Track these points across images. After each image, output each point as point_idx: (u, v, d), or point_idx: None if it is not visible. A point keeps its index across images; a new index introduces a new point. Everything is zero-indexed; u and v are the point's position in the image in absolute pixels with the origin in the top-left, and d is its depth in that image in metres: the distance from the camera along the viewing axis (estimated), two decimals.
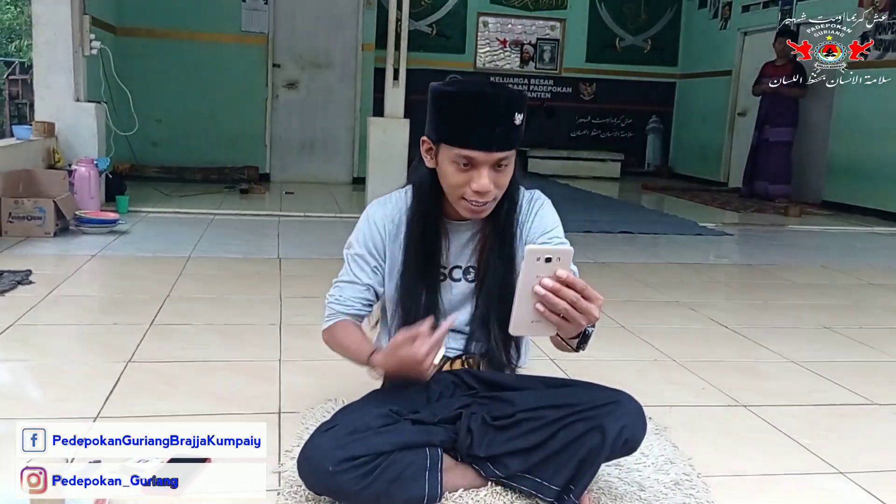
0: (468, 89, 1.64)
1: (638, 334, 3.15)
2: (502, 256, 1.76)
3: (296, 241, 5.04)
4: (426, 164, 1.72)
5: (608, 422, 1.59)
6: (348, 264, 1.87)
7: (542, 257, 1.32)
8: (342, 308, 1.86)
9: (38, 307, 3.20)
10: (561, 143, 10.48)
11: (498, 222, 1.76)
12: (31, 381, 2.47)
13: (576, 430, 1.60)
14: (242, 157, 8.24)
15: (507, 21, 10.46)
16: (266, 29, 8.30)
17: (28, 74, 13.72)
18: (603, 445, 1.58)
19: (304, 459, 1.61)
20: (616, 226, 6.06)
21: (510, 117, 1.59)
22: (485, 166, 1.61)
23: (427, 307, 1.77)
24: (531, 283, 1.32)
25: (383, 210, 1.82)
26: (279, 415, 2.19)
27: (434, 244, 1.77)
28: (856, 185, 7.58)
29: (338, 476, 1.56)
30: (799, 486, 1.91)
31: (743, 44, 9.60)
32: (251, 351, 2.77)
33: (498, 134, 1.59)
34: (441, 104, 1.65)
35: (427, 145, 1.71)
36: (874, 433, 2.29)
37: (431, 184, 1.73)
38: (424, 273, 1.77)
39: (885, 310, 3.93)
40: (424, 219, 1.76)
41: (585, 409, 1.62)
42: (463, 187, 1.64)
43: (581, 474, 1.61)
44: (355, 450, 1.57)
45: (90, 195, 5.36)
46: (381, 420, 1.66)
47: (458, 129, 1.61)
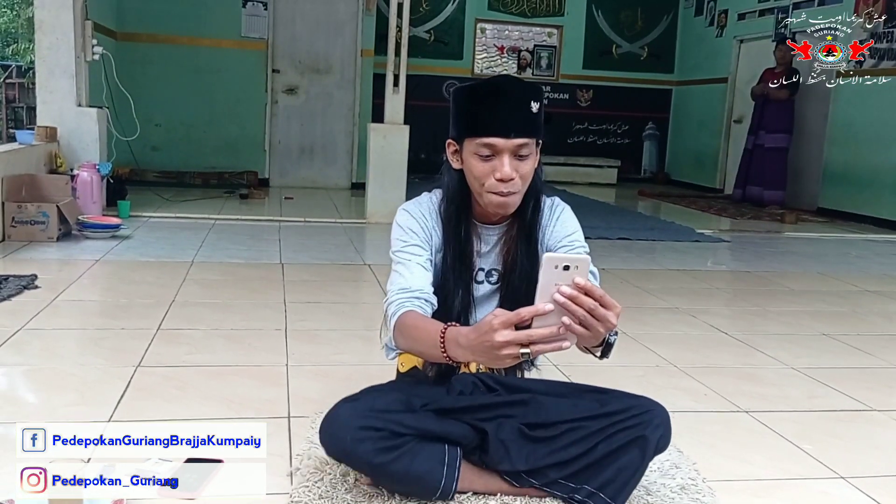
0: (485, 81, 1.72)
1: (639, 340, 3.19)
2: (529, 255, 1.80)
3: (297, 247, 5.06)
4: (453, 166, 1.78)
5: (648, 432, 1.67)
6: (402, 258, 1.76)
7: (560, 265, 1.33)
8: (408, 295, 1.70)
9: (45, 312, 3.22)
10: (558, 150, 10.51)
11: (524, 223, 1.81)
12: (40, 386, 2.49)
13: (616, 441, 1.67)
14: (242, 162, 8.28)
15: (504, 27, 10.51)
16: (266, 34, 8.34)
17: (25, 78, 13.70)
18: (644, 456, 1.67)
19: (326, 424, 1.66)
20: (614, 232, 6.11)
21: (526, 104, 1.66)
22: (506, 153, 1.66)
23: (462, 307, 1.80)
24: (550, 291, 1.32)
25: (419, 208, 1.84)
26: (289, 419, 2.22)
27: (468, 243, 1.81)
28: (851, 193, 7.64)
29: (357, 444, 1.60)
30: (801, 491, 1.95)
31: (739, 51, 9.67)
32: (258, 356, 2.80)
33: (516, 120, 1.65)
34: (461, 101, 1.72)
35: (452, 147, 1.77)
36: (874, 438, 2.33)
37: (460, 185, 1.78)
38: (461, 272, 1.80)
39: (881, 316, 3.97)
40: (458, 218, 1.80)
41: (624, 419, 1.69)
42: (487, 177, 1.69)
43: (622, 481, 1.67)
44: (376, 422, 1.62)
45: (92, 200, 5.39)
46: (403, 405, 1.70)
47: (477, 120, 1.68)
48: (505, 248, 1.84)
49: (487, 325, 1.36)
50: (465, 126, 1.71)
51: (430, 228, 1.81)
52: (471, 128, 1.69)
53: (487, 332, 1.35)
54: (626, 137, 10.96)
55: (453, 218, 1.80)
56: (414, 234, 1.79)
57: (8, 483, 1.57)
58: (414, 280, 1.72)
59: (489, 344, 1.35)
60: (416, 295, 1.70)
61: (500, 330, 1.34)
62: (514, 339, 1.33)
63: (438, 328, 1.52)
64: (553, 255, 1.35)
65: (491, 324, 1.35)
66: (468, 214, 1.81)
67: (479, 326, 1.39)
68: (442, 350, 1.50)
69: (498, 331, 1.34)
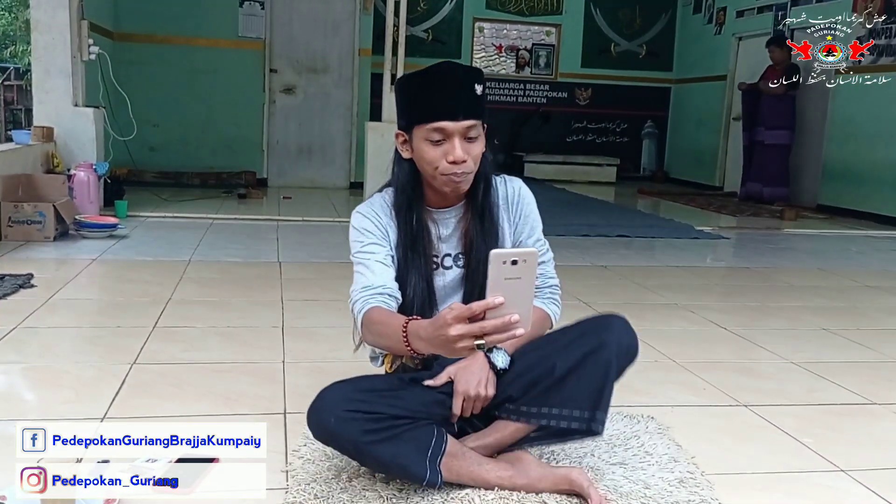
0: (428, 69, 1.74)
1: (638, 336, 3.16)
2: (485, 235, 1.83)
3: (295, 245, 5.05)
4: (403, 156, 1.80)
5: (605, 336, 1.73)
6: (362, 258, 1.79)
7: (508, 260, 1.34)
8: (371, 292, 1.72)
9: (41, 310, 3.21)
10: (557, 148, 10.52)
11: (477, 203, 1.84)
12: (35, 384, 2.48)
13: (574, 355, 1.72)
14: (240, 162, 8.27)
15: (502, 26, 10.50)
16: (263, 34, 8.33)
17: (23, 80, 13.69)
18: (608, 363, 1.71)
19: (312, 408, 1.68)
20: (613, 230, 6.09)
21: (470, 87, 1.71)
22: (456, 136, 1.70)
23: (421, 295, 1.81)
24: (500, 285, 1.34)
25: (372, 207, 1.86)
26: (284, 415, 2.21)
27: (419, 230, 1.82)
28: (851, 189, 7.62)
29: (342, 424, 1.62)
30: (802, 484, 1.93)
31: (738, 49, 9.66)
32: (255, 353, 2.79)
33: (462, 102, 1.70)
34: (407, 89, 1.76)
35: (401, 137, 1.79)
36: (874, 432, 2.32)
37: (411, 174, 1.81)
38: (413, 259, 1.82)
39: (881, 311, 3.96)
40: (408, 206, 1.82)
41: (578, 335, 1.76)
42: (440, 161, 1.72)
43: (590, 392, 1.72)
44: (361, 404, 1.64)
45: (89, 200, 5.37)
46: (389, 384, 1.75)
47: (425, 106, 1.71)
48: (463, 230, 1.87)
49: (442, 320, 1.39)
50: (413, 114, 1.74)
51: (385, 225, 1.83)
52: (420, 115, 1.72)
53: (442, 326, 1.38)
54: (625, 136, 10.94)
55: (404, 207, 1.82)
56: (369, 233, 1.82)
57: (3, 479, 1.56)
58: (375, 277, 1.75)
59: (444, 337, 1.38)
60: (379, 291, 1.73)
61: (454, 324, 1.36)
62: (467, 332, 1.35)
63: (401, 322, 1.54)
64: (500, 252, 1.36)
65: (445, 318, 1.38)
66: (420, 203, 1.83)
67: (436, 320, 1.42)
68: (405, 343, 1.52)
69: (452, 325, 1.36)
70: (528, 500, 1.73)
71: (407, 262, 1.82)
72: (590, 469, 1.89)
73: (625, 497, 1.77)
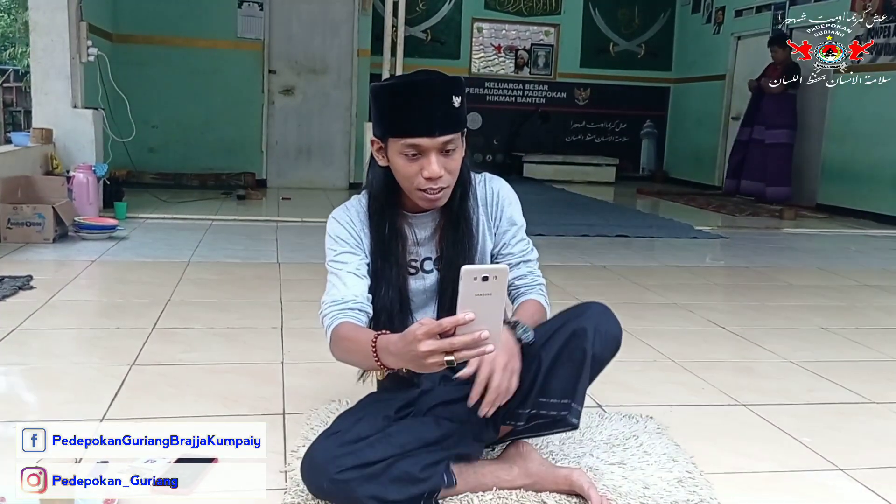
0: (404, 79, 1.68)
1: (637, 336, 3.17)
2: (457, 243, 1.79)
3: (294, 246, 5.05)
4: (378, 163, 1.75)
5: (582, 322, 1.69)
6: (335, 268, 1.77)
7: (479, 276, 1.34)
8: (340, 307, 1.70)
9: (40, 312, 3.21)
10: (556, 148, 10.52)
11: (451, 212, 1.79)
12: (35, 385, 2.48)
13: (556, 344, 1.69)
14: (239, 163, 8.27)
15: (501, 27, 10.50)
16: (262, 35, 8.33)
17: (22, 82, 13.69)
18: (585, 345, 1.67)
19: (303, 469, 1.64)
20: (612, 229, 6.09)
21: (448, 100, 1.62)
22: (432, 152, 1.64)
23: (393, 301, 1.78)
24: (470, 301, 1.33)
25: (347, 213, 1.82)
26: (283, 416, 2.21)
27: (392, 238, 1.78)
28: (850, 189, 7.63)
29: (337, 485, 1.58)
30: (800, 483, 1.93)
31: (736, 48, 9.66)
32: (254, 354, 2.79)
33: (439, 117, 1.62)
34: (381, 100, 1.68)
35: (377, 145, 1.73)
36: (873, 431, 2.32)
37: (385, 180, 1.75)
38: (384, 268, 1.78)
39: (880, 310, 3.96)
40: (381, 213, 1.78)
41: (557, 327, 1.72)
42: (416, 177, 1.66)
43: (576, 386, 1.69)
44: (350, 459, 1.59)
45: (88, 201, 5.38)
46: (375, 426, 1.67)
47: (400, 120, 1.64)
48: (440, 235, 1.83)
49: (412, 335, 1.37)
50: (388, 126, 1.67)
51: (359, 232, 1.79)
52: (394, 128, 1.65)
53: (412, 341, 1.37)
54: (624, 135, 10.95)
55: (376, 214, 1.78)
56: (343, 241, 1.78)
57: (3, 480, 1.56)
58: (346, 290, 1.71)
59: (414, 353, 1.37)
60: (349, 306, 1.69)
61: (424, 340, 1.35)
62: (437, 349, 1.35)
63: (370, 337, 1.52)
64: (471, 268, 1.36)
65: (415, 334, 1.36)
66: (395, 209, 1.79)
67: (405, 335, 1.40)
68: (376, 360, 1.50)
69: (422, 341, 1.35)
70: (527, 500, 1.73)
71: (379, 270, 1.78)
72: (588, 469, 1.88)
73: (624, 497, 1.77)
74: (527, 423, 1.74)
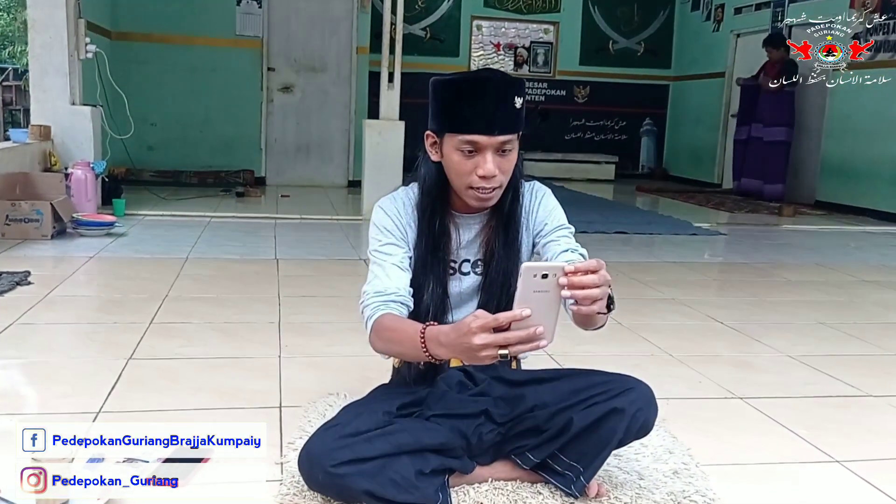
0: (468, 76, 1.68)
1: (635, 331, 3.17)
2: (507, 246, 1.77)
3: (293, 243, 5.05)
4: (431, 158, 1.73)
5: (625, 405, 1.64)
6: (378, 259, 1.74)
7: (539, 273, 1.35)
8: (383, 298, 1.67)
9: (38, 307, 3.21)
10: (555, 146, 10.50)
11: (502, 213, 1.77)
12: (32, 379, 2.48)
13: (592, 414, 1.65)
14: (238, 160, 8.26)
15: (500, 24, 10.49)
16: (260, 33, 8.32)
17: (22, 80, 13.69)
18: (616, 430, 1.64)
19: (301, 461, 1.63)
20: (611, 226, 6.09)
21: (510, 100, 1.62)
22: (489, 150, 1.63)
23: (436, 301, 1.77)
24: (528, 297, 1.34)
25: (395, 203, 1.80)
26: (280, 409, 2.21)
27: (442, 235, 1.77)
28: (849, 185, 7.62)
29: (332, 479, 1.57)
30: (797, 475, 1.94)
31: (736, 45, 9.65)
32: (251, 348, 2.79)
33: (499, 117, 1.61)
34: (443, 94, 1.67)
35: (431, 139, 1.72)
36: (869, 423, 2.32)
37: (438, 176, 1.74)
38: (432, 265, 1.77)
39: (877, 305, 3.96)
40: (433, 210, 1.76)
41: (600, 393, 1.68)
42: (469, 175, 1.65)
43: (593, 454, 1.66)
44: (345, 452, 1.57)
45: (87, 198, 5.37)
46: (375, 421, 1.66)
47: (460, 116, 1.63)
48: (485, 238, 1.81)
49: (466, 328, 1.37)
50: (446, 122, 1.66)
51: (405, 225, 1.78)
52: (453, 124, 1.64)
53: (466, 333, 1.37)
54: (623, 133, 10.94)
55: (428, 210, 1.76)
56: (389, 232, 1.76)
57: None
58: (389, 282, 1.70)
59: (468, 345, 1.37)
60: (392, 298, 1.67)
61: (479, 333, 1.35)
62: (491, 342, 1.35)
63: (418, 328, 1.52)
64: (531, 265, 1.37)
65: (470, 326, 1.37)
66: (445, 207, 1.77)
67: (459, 327, 1.40)
68: (423, 350, 1.49)
69: (476, 334, 1.36)
70: (522, 490, 1.73)
71: (425, 266, 1.77)
72: None
73: (619, 488, 1.77)
74: (530, 467, 1.74)
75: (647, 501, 1.72)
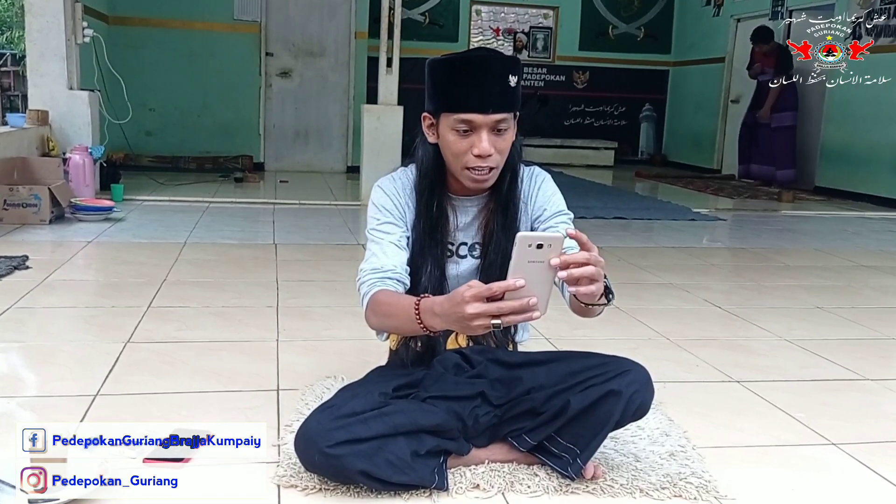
0: (462, 55, 1.68)
1: (632, 315, 3.17)
2: (505, 229, 1.77)
3: (291, 228, 5.05)
4: (428, 140, 1.74)
5: (622, 387, 1.64)
6: (376, 237, 1.75)
7: (534, 244, 1.34)
8: (380, 275, 1.69)
9: (35, 291, 3.21)
10: (554, 132, 10.49)
11: (501, 195, 1.77)
12: (30, 362, 2.48)
13: (589, 396, 1.65)
14: (236, 146, 8.25)
15: (500, 9, 10.45)
16: (259, 17, 8.29)
17: (20, 66, 13.63)
18: (614, 412, 1.64)
19: (297, 442, 1.64)
20: (610, 212, 6.09)
21: (504, 79, 1.62)
22: (484, 129, 1.63)
23: (434, 283, 1.77)
24: (522, 267, 1.34)
25: (394, 184, 1.81)
26: (278, 392, 2.21)
27: (439, 218, 1.78)
28: (848, 171, 7.62)
29: (327, 459, 1.57)
30: (793, 457, 1.94)
31: (736, 30, 9.61)
32: (249, 331, 2.79)
33: (494, 95, 1.62)
34: (438, 74, 1.68)
35: (428, 120, 1.73)
36: (866, 406, 2.32)
37: (435, 158, 1.74)
38: (430, 247, 1.78)
39: (875, 290, 3.96)
40: (430, 192, 1.77)
41: (597, 375, 1.68)
42: (465, 154, 1.65)
43: (589, 436, 1.66)
44: (341, 433, 1.57)
45: (85, 183, 5.37)
46: (371, 402, 1.66)
47: (455, 95, 1.64)
48: (483, 220, 1.81)
49: (460, 297, 1.38)
50: (441, 101, 1.67)
51: (404, 204, 1.78)
52: (448, 103, 1.65)
53: (459, 303, 1.38)
54: (622, 119, 10.91)
55: (426, 192, 1.77)
56: (387, 211, 1.77)
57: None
58: (387, 259, 1.71)
59: (461, 314, 1.38)
60: (389, 275, 1.69)
61: (472, 302, 1.36)
62: (484, 312, 1.36)
63: (412, 301, 1.53)
64: (526, 234, 1.36)
65: (463, 295, 1.37)
66: (442, 189, 1.78)
67: (453, 297, 1.41)
68: (418, 321, 1.51)
69: (469, 303, 1.36)
70: (519, 472, 1.73)
71: (423, 248, 1.78)
72: None
73: (615, 469, 1.78)
74: (527, 450, 1.74)
75: (643, 483, 1.73)
